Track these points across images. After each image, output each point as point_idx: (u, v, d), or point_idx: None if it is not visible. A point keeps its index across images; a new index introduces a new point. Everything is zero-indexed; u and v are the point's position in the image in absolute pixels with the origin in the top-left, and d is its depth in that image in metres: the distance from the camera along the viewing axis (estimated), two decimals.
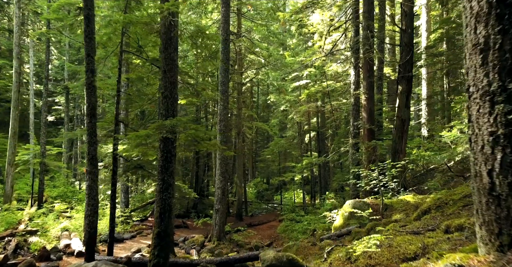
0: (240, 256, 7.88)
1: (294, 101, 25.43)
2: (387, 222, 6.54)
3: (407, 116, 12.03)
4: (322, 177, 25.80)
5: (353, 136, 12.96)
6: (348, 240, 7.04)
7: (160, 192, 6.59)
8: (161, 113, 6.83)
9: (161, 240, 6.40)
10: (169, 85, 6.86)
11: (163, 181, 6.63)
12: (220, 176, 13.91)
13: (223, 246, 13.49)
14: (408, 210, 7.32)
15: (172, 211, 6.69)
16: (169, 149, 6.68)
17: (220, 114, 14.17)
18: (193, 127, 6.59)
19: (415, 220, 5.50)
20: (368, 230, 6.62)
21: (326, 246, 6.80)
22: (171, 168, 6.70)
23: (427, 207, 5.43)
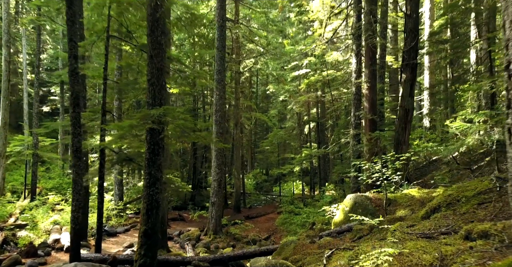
0: (235, 254, 7.45)
1: (294, 91, 24.85)
2: (391, 219, 6.08)
3: (411, 106, 11.50)
4: (321, 169, 25.38)
5: (354, 126, 12.45)
6: (349, 237, 6.60)
7: (147, 187, 6.11)
8: (147, 102, 6.31)
9: (148, 238, 5.95)
10: (156, 71, 6.33)
11: (150, 175, 6.14)
12: (217, 168, 13.46)
13: (219, 240, 13.12)
14: (413, 206, 6.87)
15: (161, 207, 6.23)
16: (156, 141, 6.18)
17: (216, 104, 13.65)
18: (182, 117, 6.09)
19: (423, 218, 5.03)
20: (371, 228, 6.17)
21: (325, 245, 6.37)
22: (158, 161, 6.21)
23: (436, 204, 4.96)
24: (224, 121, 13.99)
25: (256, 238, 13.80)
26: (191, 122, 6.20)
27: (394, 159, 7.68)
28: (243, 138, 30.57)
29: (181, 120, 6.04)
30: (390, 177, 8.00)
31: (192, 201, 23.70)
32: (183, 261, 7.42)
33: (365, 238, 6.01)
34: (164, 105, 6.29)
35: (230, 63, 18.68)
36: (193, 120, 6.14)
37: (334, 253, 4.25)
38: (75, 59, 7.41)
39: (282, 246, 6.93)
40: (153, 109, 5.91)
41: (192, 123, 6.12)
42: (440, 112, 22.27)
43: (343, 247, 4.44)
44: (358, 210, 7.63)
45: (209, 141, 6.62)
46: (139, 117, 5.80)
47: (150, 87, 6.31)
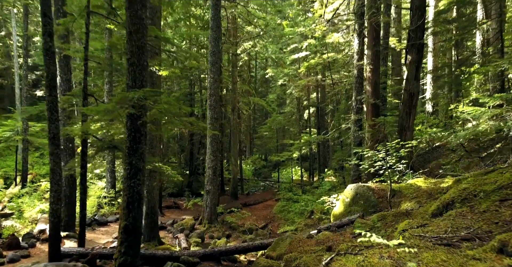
0: (227, 248, 6.95)
1: (293, 75, 24.06)
2: (397, 213, 5.52)
3: (416, 89, 10.83)
4: (321, 154, 24.83)
5: (356, 111, 11.81)
6: (350, 232, 6.06)
7: (128, 179, 5.53)
8: (127, 84, 5.66)
9: (129, 235, 5.40)
10: (136, 50, 5.65)
11: (131, 165, 5.55)
12: (211, 155, 12.88)
13: (214, 229, 12.67)
14: (420, 198, 6.31)
15: (143, 200, 5.67)
16: (137, 127, 5.56)
17: (210, 88, 12.96)
18: (165, 101, 5.45)
19: (434, 215, 4.47)
20: (373, 223, 5.62)
21: (324, 241, 5.83)
22: (140, 150, 5.61)
23: (449, 198, 4.38)
24: (218, 106, 13.34)
25: (253, 227, 13.36)
26: (175, 106, 5.56)
27: (399, 147, 7.09)
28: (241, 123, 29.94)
29: (164, 104, 5.40)
30: (394, 166, 7.43)
31: (189, 188, 23.26)
32: (171, 256, 6.91)
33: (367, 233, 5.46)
34: (146, 88, 5.64)
35: (226, 45, 17.86)
36: (178, 104, 5.51)
37: (334, 260, 3.69)
38: (50, 37, 6.71)
39: (277, 241, 6.41)
40: (132, 91, 5.26)
41: (176, 107, 5.48)
42: (444, 96, 21.58)
43: (343, 252, 3.87)
44: (359, 202, 7.09)
45: (197, 127, 6.03)
46: (116, 101, 5.17)
47: (130, 67, 5.64)
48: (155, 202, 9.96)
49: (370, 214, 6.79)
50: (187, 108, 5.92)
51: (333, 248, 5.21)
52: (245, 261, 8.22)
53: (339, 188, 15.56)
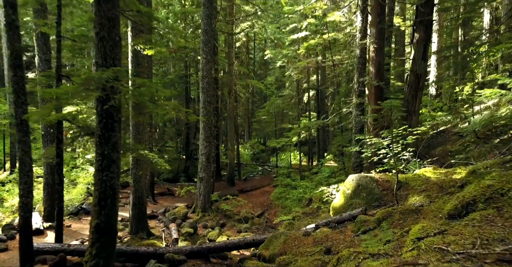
0: (216, 245, 6.35)
1: (292, 56, 23.09)
2: (405, 210, 4.87)
3: (423, 70, 10.06)
4: (320, 139, 24.14)
5: (358, 95, 11.04)
6: (351, 229, 5.44)
7: (99, 171, 4.85)
8: (96, 63, 4.91)
9: (102, 234, 4.77)
10: (106, 22, 4.86)
11: (103, 156, 4.86)
12: (204, 141, 12.20)
13: (208, 218, 12.13)
14: (430, 191, 5.65)
15: (118, 195, 5.00)
16: (109, 113, 4.84)
17: (203, 69, 12.14)
18: (140, 82, 4.71)
19: (451, 216, 3.81)
20: (378, 221, 4.98)
21: (322, 240, 5.21)
22: (113, 139, 4.90)
23: (470, 197, 3.71)
24: (212, 89, 12.55)
25: (249, 215, 12.81)
26: (154, 87, 4.82)
27: (406, 134, 6.39)
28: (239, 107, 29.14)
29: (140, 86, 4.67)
30: (400, 154, 6.76)
31: (185, 173, 22.72)
32: (155, 253, 6.33)
33: (371, 233, 4.84)
34: (119, 67, 4.88)
35: (221, 23, 16.89)
36: (155, 87, 4.77)
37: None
38: (12, 9, 5.91)
39: (270, 239, 5.79)
40: (100, 71, 4.51)
41: (153, 89, 4.75)
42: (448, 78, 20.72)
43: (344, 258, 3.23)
44: (361, 194, 6.45)
45: (179, 112, 5.32)
46: (80, 82, 4.43)
47: (99, 43, 4.88)
48: (142, 192, 9.35)
49: (373, 208, 6.16)
50: (165, 91, 5.19)
51: (333, 250, 4.59)
52: (238, 255, 7.66)
53: (339, 175, 14.96)
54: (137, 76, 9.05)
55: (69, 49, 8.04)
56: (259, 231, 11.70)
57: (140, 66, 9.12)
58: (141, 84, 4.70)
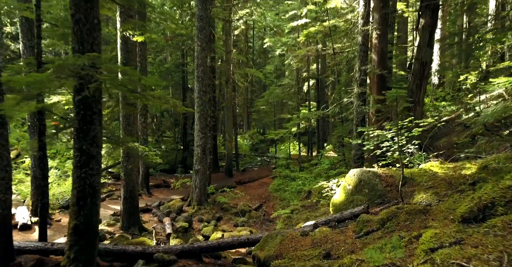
0: (208, 244, 5.99)
1: (292, 44, 22.47)
2: (411, 210, 4.46)
3: (428, 58, 9.56)
4: (320, 129, 23.69)
5: (359, 84, 10.54)
6: (352, 229, 5.05)
7: (78, 168, 4.43)
8: (72, 48, 4.43)
9: (81, 236, 4.37)
10: (83, 3, 4.37)
11: (81, 151, 4.43)
12: (200, 132, 11.77)
13: (204, 212, 11.78)
14: (437, 188, 5.24)
15: (99, 193, 4.59)
16: (88, 104, 4.39)
17: (197, 57, 11.63)
18: (119, 70, 4.25)
19: (465, 220, 3.40)
20: (382, 222, 4.59)
21: (321, 241, 4.83)
22: (93, 132, 4.47)
23: (487, 199, 3.30)
24: (207, 78, 12.05)
25: (246, 208, 12.47)
26: (136, 75, 4.36)
27: (413, 125, 5.95)
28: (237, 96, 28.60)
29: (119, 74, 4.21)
30: (404, 148, 6.33)
31: (183, 164, 22.33)
32: (144, 253, 5.96)
33: (374, 235, 4.45)
34: (98, 53, 4.41)
35: (217, 9, 16.28)
36: (138, 74, 4.31)
37: None
38: None
39: (265, 238, 5.41)
40: (75, 57, 4.04)
41: (136, 76, 4.28)
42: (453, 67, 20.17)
43: None
44: (363, 190, 6.04)
45: (167, 103, 4.87)
46: (54, 69, 3.97)
47: (75, 26, 4.38)
48: (134, 185, 8.96)
49: (376, 205, 5.76)
50: (149, 79, 4.71)
51: (333, 254, 4.20)
52: (232, 252, 7.31)
53: (339, 166, 14.58)
54: (126, 64, 8.58)
55: (50, 34, 7.52)
56: (256, 224, 11.37)
57: (130, 53, 8.62)
58: (123, 71, 4.24)
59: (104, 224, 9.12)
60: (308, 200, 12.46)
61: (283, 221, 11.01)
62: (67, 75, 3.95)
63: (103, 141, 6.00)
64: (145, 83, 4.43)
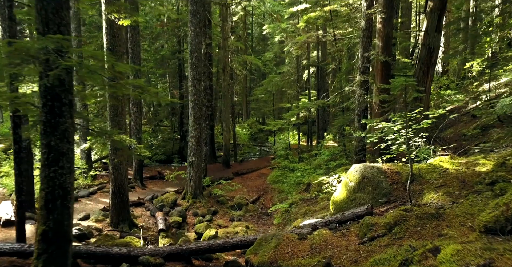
0: (197, 246, 5.52)
1: (291, 31, 21.71)
2: (422, 214, 3.97)
3: (436, 43, 8.96)
4: (320, 118, 23.13)
5: (362, 71, 9.96)
6: (355, 233, 4.57)
7: (46, 166, 3.92)
8: (37, 30, 3.86)
9: (50, 244, 3.89)
10: None
11: (50, 147, 3.91)
12: (194, 122, 11.23)
13: (199, 205, 11.35)
14: (449, 187, 4.74)
15: (71, 195, 4.09)
16: (56, 94, 3.85)
17: (191, 44, 11.00)
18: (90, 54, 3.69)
19: (489, 230, 2.90)
20: (389, 226, 4.10)
21: (320, 246, 4.35)
22: (63, 126, 3.94)
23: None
24: (202, 65, 11.43)
25: (243, 201, 12.03)
26: (110, 61, 3.80)
27: (421, 117, 5.42)
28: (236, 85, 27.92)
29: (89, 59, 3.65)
30: (411, 141, 5.81)
31: (180, 154, 21.84)
32: (129, 255, 5.50)
33: (380, 241, 3.96)
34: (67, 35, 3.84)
35: None
36: (112, 60, 3.75)
37: None
38: None
39: (260, 242, 4.93)
40: (37, 40, 3.47)
41: (110, 62, 3.72)
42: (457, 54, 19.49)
43: None
44: (367, 188, 5.55)
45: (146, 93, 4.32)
46: (7, 54, 3.41)
47: (39, 3, 3.80)
48: (123, 179, 8.47)
49: (381, 205, 5.27)
50: (125, 66, 4.16)
51: (333, 264, 3.71)
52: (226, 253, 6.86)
53: (340, 157, 14.09)
54: (112, 50, 7.99)
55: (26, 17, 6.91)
56: (253, 219, 10.95)
57: (116, 38, 8.01)
58: (93, 55, 3.68)
59: (92, 219, 8.66)
60: (307, 193, 12.02)
61: (280, 215, 10.58)
62: (22, 60, 3.39)
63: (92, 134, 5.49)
64: (122, 70, 3.86)
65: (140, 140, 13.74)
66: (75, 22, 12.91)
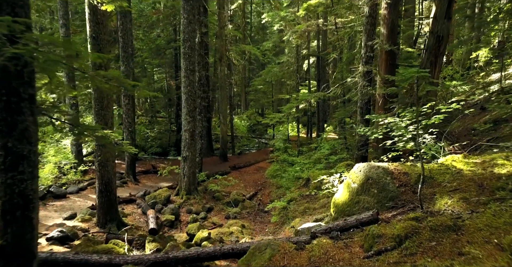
0: (185, 254, 5.03)
1: (291, 19, 20.96)
2: (437, 226, 3.46)
3: (446, 31, 8.32)
4: (320, 109, 22.53)
5: (365, 61, 9.37)
6: (359, 244, 4.07)
7: (3, 172, 3.38)
8: None
9: (9, 261, 3.37)
10: None
11: (6, 150, 3.37)
12: (187, 115, 10.68)
13: (194, 202, 10.88)
14: (465, 192, 4.21)
15: (34, 204, 3.56)
16: (12, 87, 3.30)
17: (184, 32, 10.38)
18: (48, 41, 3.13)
19: None
20: (399, 239, 3.59)
21: (320, 259, 3.85)
22: (22, 125, 3.39)
23: None
24: (195, 54, 10.83)
25: (239, 197, 11.56)
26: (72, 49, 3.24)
27: (433, 112, 4.88)
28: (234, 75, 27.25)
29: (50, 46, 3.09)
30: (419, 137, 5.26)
31: (176, 147, 21.34)
32: (110, 264, 5.02)
33: (388, 256, 3.45)
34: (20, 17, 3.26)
35: None
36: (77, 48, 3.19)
37: None
38: None
39: (253, 252, 4.44)
40: None
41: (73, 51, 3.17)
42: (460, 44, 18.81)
43: None
44: (371, 190, 5.03)
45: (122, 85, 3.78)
46: None
47: None
48: (110, 177, 7.96)
49: (387, 210, 4.76)
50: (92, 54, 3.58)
51: None
52: None
53: (340, 151, 13.57)
54: (96, 38, 7.39)
55: None
56: (250, 216, 10.49)
57: (100, 25, 7.41)
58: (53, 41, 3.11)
59: (78, 219, 8.18)
60: (306, 189, 11.54)
61: (278, 213, 10.11)
62: None
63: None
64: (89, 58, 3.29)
65: (132, 133, 13.21)
66: (62, 9, 12.25)
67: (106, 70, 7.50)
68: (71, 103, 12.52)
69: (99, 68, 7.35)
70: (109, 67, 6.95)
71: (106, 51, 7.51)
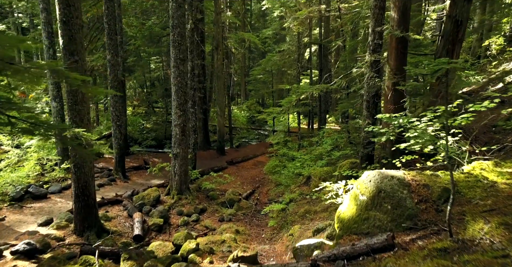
0: None
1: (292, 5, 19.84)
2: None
3: (465, 14, 7.36)
4: (322, 100, 21.56)
5: (373, 50, 8.38)
6: None
7: None
8: None
9: None
10: None
11: None
12: (178, 109, 9.80)
13: (185, 202, 10.09)
14: (506, 214, 3.36)
15: None
16: None
17: (172, 17, 9.42)
18: None
19: None
20: None
21: None
22: None
23: None
24: (186, 42, 9.88)
25: (235, 197, 10.77)
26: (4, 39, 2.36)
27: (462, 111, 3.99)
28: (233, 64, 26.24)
29: None
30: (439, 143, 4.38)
31: (170, 140, 20.48)
32: None
33: None
34: None
35: None
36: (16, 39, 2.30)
37: None
38: None
39: None
40: None
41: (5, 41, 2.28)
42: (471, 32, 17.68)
43: None
44: (384, 205, 4.18)
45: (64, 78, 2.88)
46: None
47: None
48: (87, 180, 7.12)
49: (404, 231, 3.91)
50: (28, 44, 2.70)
51: None
52: None
53: (343, 147, 12.70)
54: (67, 22, 6.46)
55: None
56: (246, 218, 9.69)
57: (71, 8, 6.46)
58: None
59: (53, 226, 7.37)
60: (307, 187, 10.74)
61: (277, 215, 9.32)
62: None
63: None
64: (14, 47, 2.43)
65: (121, 128, 12.36)
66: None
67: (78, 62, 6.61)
68: (54, 94, 11.65)
69: (71, 56, 6.45)
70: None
71: (79, 37, 6.59)
